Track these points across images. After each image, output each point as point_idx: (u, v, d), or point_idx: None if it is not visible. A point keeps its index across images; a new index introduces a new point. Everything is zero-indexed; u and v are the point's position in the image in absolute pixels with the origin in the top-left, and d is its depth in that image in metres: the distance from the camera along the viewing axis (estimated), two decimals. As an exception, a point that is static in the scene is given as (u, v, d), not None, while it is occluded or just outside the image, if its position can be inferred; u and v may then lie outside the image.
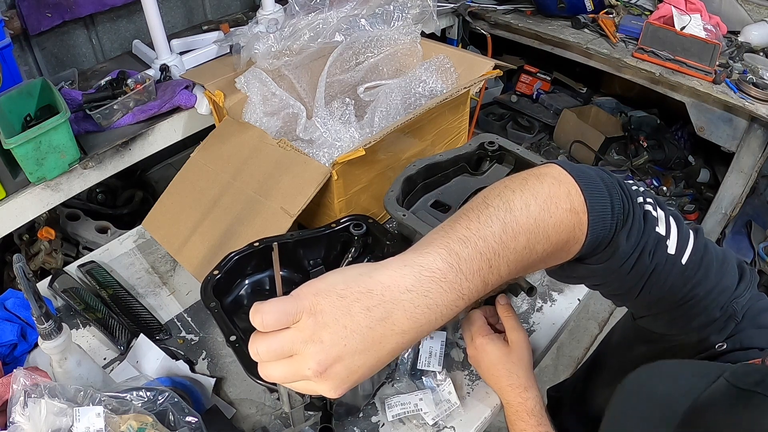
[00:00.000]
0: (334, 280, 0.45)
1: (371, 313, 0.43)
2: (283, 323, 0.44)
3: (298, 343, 0.43)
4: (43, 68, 1.66)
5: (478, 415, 0.93)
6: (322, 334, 0.43)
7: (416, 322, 0.44)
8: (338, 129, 1.18)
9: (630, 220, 0.53)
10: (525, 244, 0.47)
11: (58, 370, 0.81)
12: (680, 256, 0.57)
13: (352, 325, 0.43)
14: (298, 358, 0.44)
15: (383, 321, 0.43)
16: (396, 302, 0.43)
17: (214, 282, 0.91)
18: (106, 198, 1.93)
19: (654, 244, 0.55)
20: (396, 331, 0.43)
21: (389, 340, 0.44)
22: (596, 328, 2.37)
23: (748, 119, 1.81)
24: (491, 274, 0.46)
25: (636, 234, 0.53)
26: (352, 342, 0.43)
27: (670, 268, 0.56)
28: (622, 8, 2.27)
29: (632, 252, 0.54)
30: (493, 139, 1.15)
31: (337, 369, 0.43)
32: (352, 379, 0.44)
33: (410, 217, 0.99)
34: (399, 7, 1.38)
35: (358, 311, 0.43)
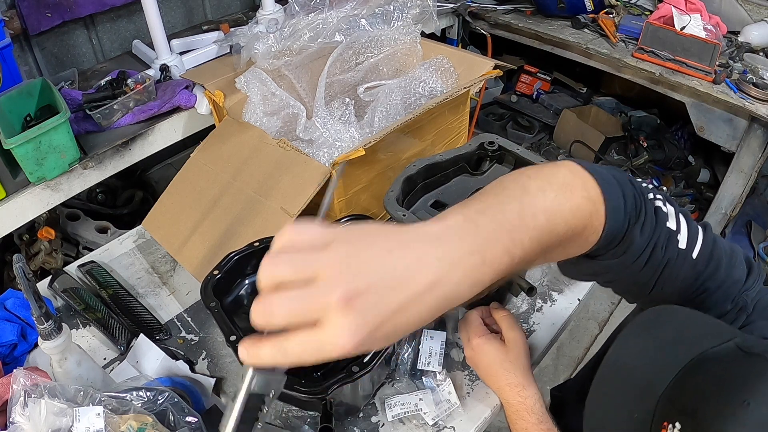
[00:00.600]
0: (359, 225, 0.42)
1: (405, 250, 0.40)
2: (311, 240, 0.40)
3: (324, 263, 0.38)
4: (43, 68, 1.66)
5: (478, 415, 0.93)
6: (350, 260, 0.39)
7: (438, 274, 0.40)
8: (338, 129, 1.18)
9: (643, 215, 0.54)
10: (544, 223, 0.46)
11: (58, 370, 0.81)
12: (691, 250, 0.58)
13: (378, 259, 0.39)
14: (321, 283, 0.38)
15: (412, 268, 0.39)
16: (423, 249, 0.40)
17: (214, 282, 0.91)
18: (106, 198, 1.93)
19: (666, 239, 0.56)
20: (425, 282, 0.39)
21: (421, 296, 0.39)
22: (596, 328, 2.37)
23: (748, 119, 1.81)
24: (514, 246, 0.44)
25: (649, 229, 0.54)
26: (386, 274, 0.39)
27: (681, 262, 0.57)
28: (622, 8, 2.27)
29: (646, 247, 0.55)
30: (493, 139, 1.15)
31: (366, 301, 0.38)
32: (375, 322, 0.38)
33: (410, 218, 0.99)
34: (399, 7, 1.38)
35: (395, 245, 0.40)
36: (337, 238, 0.40)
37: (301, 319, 0.38)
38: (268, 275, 0.40)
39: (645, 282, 0.58)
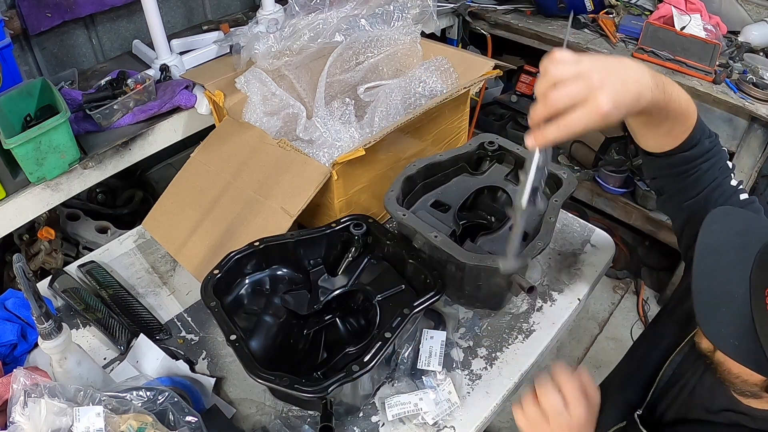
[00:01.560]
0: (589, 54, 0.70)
1: (618, 61, 0.65)
2: (571, 58, 0.64)
3: (584, 67, 0.62)
4: (43, 68, 1.66)
5: (478, 414, 0.93)
6: (596, 65, 0.63)
7: (641, 78, 0.66)
8: (338, 129, 1.18)
9: (713, 137, 0.81)
10: (677, 96, 0.72)
11: (58, 369, 0.81)
12: (739, 191, 0.81)
13: (612, 64, 0.64)
14: (585, 77, 0.62)
15: (626, 67, 0.65)
16: (629, 62, 0.66)
17: (214, 281, 0.91)
18: (106, 198, 1.93)
19: (723, 165, 0.81)
20: (633, 77, 0.65)
21: (631, 80, 0.65)
22: (596, 328, 2.37)
23: (748, 119, 1.81)
24: (664, 94, 0.69)
25: (715, 146, 0.80)
26: (615, 71, 0.64)
27: (729, 194, 0.81)
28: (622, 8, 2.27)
29: (710, 150, 0.80)
30: (493, 139, 1.15)
31: (613, 80, 0.63)
32: (620, 91, 0.63)
33: (410, 217, 0.99)
34: (399, 7, 1.38)
35: (612, 59, 0.65)
36: (583, 56, 0.64)
37: (578, 99, 0.62)
38: (549, 79, 0.64)
39: (694, 186, 0.81)
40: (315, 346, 0.99)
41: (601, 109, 0.61)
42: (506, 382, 0.98)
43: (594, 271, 1.18)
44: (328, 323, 1.01)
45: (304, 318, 1.00)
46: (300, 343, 0.98)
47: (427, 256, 1.00)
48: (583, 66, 0.63)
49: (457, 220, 1.06)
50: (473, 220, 1.12)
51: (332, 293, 1.00)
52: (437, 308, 1.08)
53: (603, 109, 0.61)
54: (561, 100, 0.62)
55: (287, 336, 0.97)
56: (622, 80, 0.64)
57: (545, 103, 0.63)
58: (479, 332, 1.06)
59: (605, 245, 1.24)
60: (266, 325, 0.96)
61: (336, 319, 1.02)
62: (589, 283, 1.16)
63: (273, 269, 1.01)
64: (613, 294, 2.51)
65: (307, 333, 0.99)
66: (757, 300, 0.62)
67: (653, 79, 0.68)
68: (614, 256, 1.23)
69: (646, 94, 0.67)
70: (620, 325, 2.37)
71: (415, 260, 0.96)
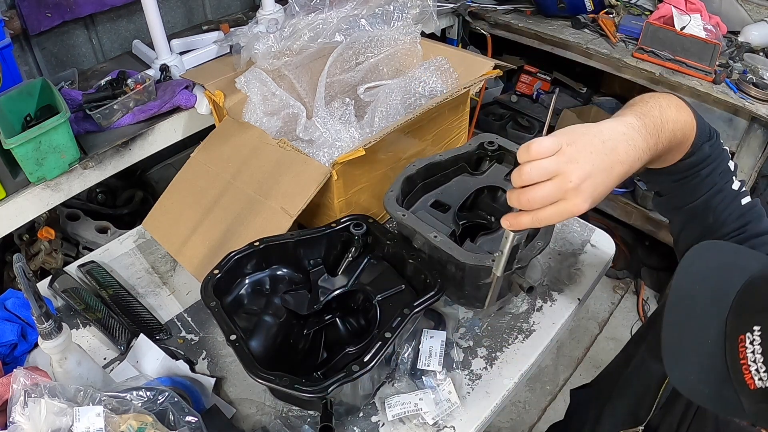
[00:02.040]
0: (573, 127, 0.63)
1: (605, 145, 0.62)
2: (550, 150, 0.60)
3: (562, 164, 0.60)
4: (43, 68, 1.66)
5: (478, 414, 0.93)
6: (578, 157, 0.60)
7: (629, 156, 0.63)
8: (338, 129, 1.18)
9: (714, 139, 0.76)
10: (672, 129, 0.69)
11: (58, 369, 0.81)
12: (741, 195, 0.77)
13: (595, 152, 0.61)
14: (561, 177, 0.60)
15: (613, 151, 0.62)
16: (618, 140, 0.63)
17: (214, 281, 0.91)
18: (106, 198, 1.93)
19: (724, 169, 0.77)
20: (619, 160, 0.63)
21: (616, 167, 0.63)
22: (596, 328, 2.37)
23: (748, 119, 1.81)
24: (658, 140, 0.67)
25: (715, 150, 0.76)
26: (597, 163, 0.61)
27: (731, 199, 0.77)
28: (622, 8, 2.27)
29: (709, 156, 0.75)
30: (493, 139, 1.15)
31: (588, 184, 0.60)
32: (596, 194, 0.62)
33: (410, 217, 0.99)
34: (399, 7, 1.38)
35: (598, 143, 0.62)
36: (563, 146, 0.60)
37: (551, 201, 0.60)
38: (524, 179, 0.61)
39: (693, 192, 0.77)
40: (315, 346, 0.99)
41: (577, 211, 0.61)
42: (506, 382, 0.98)
43: (594, 271, 1.18)
44: (328, 323, 1.01)
45: (304, 318, 1.00)
46: (300, 343, 0.98)
47: (427, 256, 1.00)
48: (562, 161, 0.60)
49: (457, 220, 1.06)
50: (473, 220, 1.12)
51: (332, 293, 1.00)
52: (437, 308, 1.08)
53: (579, 210, 0.61)
54: (535, 203, 0.61)
55: (287, 336, 0.97)
56: (606, 172, 0.62)
57: (519, 199, 0.62)
58: (479, 332, 1.06)
59: (605, 245, 1.24)
60: (266, 325, 0.96)
61: (336, 319, 1.02)
62: (589, 283, 1.16)
63: (273, 269, 1.01)
64: (613, 294, 2.51)
65: (307, 333, 0.99)
66: (731, 346, 0.57)
67: (646, 145, 0.65)
68: (614, 256, 1.23)
69: (636, 165, 0.65)
70: (620, 325, 2.37)
71: (415, 260, 0.96)
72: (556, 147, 0.60)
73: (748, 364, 0.55)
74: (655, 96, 0.72)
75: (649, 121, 0.67)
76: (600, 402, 0.99)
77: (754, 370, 0.54)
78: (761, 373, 0.53)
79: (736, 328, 0.57)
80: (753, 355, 0.54)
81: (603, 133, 0.63)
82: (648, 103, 0.70)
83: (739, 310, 0.59)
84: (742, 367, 0.55)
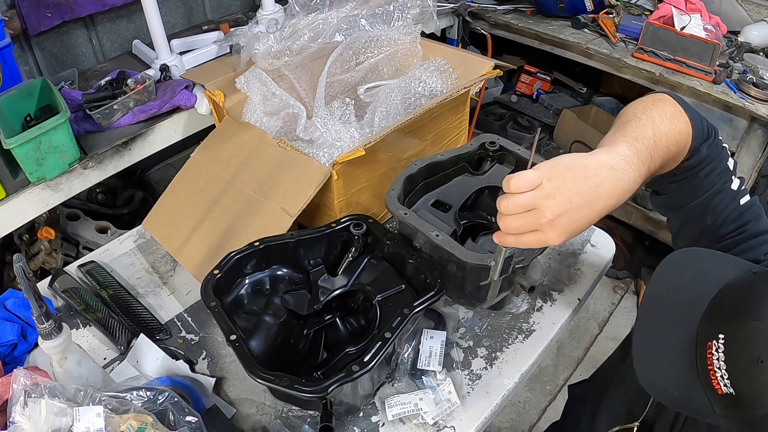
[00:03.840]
0: (561, 160, 0.63)
1: (588, 181, 0.62)
2: (530, 186, 0.61)
3: (539, 199, 0.61)
4: (43, 68, 1.66)
5: (478, 414, 0.93)
6: (556, 193, 0.61)
7: (615, 190, 0.63)
8: (338, 129, 1.18)
9: (711, 138, 0.74)
10: (666, 144, 0.68)
11: (58, 369, 0.81)
12: (740, 195, 0.76)
13: (575, 188, 0.61)
14: (537, 211, 0.61)
15: (596, 187, 0.62)
16: (604, 175, 0.62)
17: (214, 281, 0.91)
18: (106, 198, 1.92)
19: (723, 169, 0.75)
20: (603, 196, 0.62)
21: (599, 202, 0.62)
22: (596, 328, 2.37)
23: (748, 119, 1.81)
24: (652, 163, 0.67)
25: (714, 150, 0.74)
26: (576, 200, 0.61)
27: (729, 200, 0.75)
28: (622, 8, 2.27)
29: (707, 157, 0.74)
30: (494, 139, 1.15)
31: (563, 220, 0.61)
32: (572, 229, 0.62)
33: (412, 216, 0.99)
34: (399, 7, 1.38)
35: (581, 179, 0.62)
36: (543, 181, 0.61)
37: (528, 230, 0.63)
38: (503, 210, 0.63)
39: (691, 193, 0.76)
40: (315, 346, 0.99)
41: (550, 243, 0.63)
42: (506, 382, 0.98)
43: (594, 271, 1.18)
44: (328, 323, 1.01)
45: (304, 318, 1.00)
46: (300, 343, 0.98)
47: (427, 255, 1.00)
48: (539, 196, 0.61)
49: (458, 219, 1.06)
50: (474, 220, 1.12)
51: (332, 293, 1.00)
52: (437, 308, 1.08)
53: (552, 242, 0.63)
54: (513, 229, 0.64)
55: (287, 336, 0.97)
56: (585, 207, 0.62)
57: (501, 224, 0.65)
58: (479, 332, 1.06)
59: (605, 245, 1.24)
60: (266, 325, 0.96)
61: (336, 319, 1.02)
62: (589, 283, 1.16)
63: (273, 269, 1.01)
64: (613, 294, 2.51)
65: (307, 333, 0.99)
66: (701, 352, 0.59)
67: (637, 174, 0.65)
68: (614, 256, 1.23)
69: (625, 197, 0.65)
70: (620, 325, 2.37)
71: (415, 260, 0.96)
72: (536, 182, 0.61)
73: (714, 370, 0.58)
74: (647, 108, 0.71)
75: (641, 146, 0.66)
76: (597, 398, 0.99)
77: (719, 376, 0.57)
78: (725, 380, 0.57)
79: (706, 335, 0.60)
80: (718, 362, 0.57)
81: (588, 168, 0.63)
82: (641, 121, 0.69)
83: (710, 318, 0.61)
84: (709, 373, 0.58)
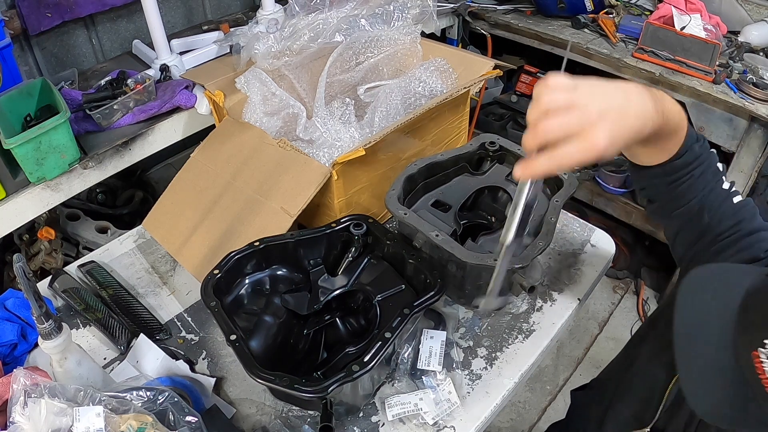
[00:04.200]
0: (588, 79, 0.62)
1: (619, 89, 0.61)
2: (566, 85, 0.58)
3: (583, 97, 0.58)
4: (43, 68, 1.66)
5: (478, 414, 0.93)
6: (597, 92, 0.59)
7: (641, 109, 0.62)
8: (338, 129, 1.18)
9: (702, 141, 0.76)
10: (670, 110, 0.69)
11: (58, 369, 0.81)
12: (732, 195, 0.77)
13: (610, 93, 0.60)
14: (582, 108, 0.57)
15: (627, 97, 0.61)
16: (631, 91, 0.62)
17: (214, 281, 0.91)
18: (106, 198, 1.93)
19: (714, 169, 0.77)
20: (633, 110, 0.61)
21: (630, 114, 0.61)
22: (596, 328, 2.37)
23: (748, 119, 1.81)
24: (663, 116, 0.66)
25: (704, 151, 0.76)
26: (613, 103, 0.59)
27: (723, 198, 0.76)
28: (622, 8, 2.27)
29: (701, 155, 0.75)
30: (494, 139, 1.16)
31: (612, 115, 0.58)
32: (615, 131, 0.58)
33: (411, 216, 0.99)
34: (399, 7, 1.38)
35: (611, 88, 0.61)
36: (580, 81, 0.59)
37: (571, 132, 0.57)
38: (541, 108, 0.58)
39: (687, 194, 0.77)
40: (315, 346, 0.99)
41: (597, 146, 0.56)
42: (506, 382, 0.98)
43: (594, 271, 1.18)
44: (328, 323, 1.01)
45: (304, 318, 1.00)
46: (300, 343, 0.98)
47: (427, 255, 1.00)
48: (580, 94, 0.58)
49: (458, 219, 1.06)
50: (474, 220, 1.12)
51: (332, 293, 1.00)
52: (437, 308, 1.08)
53: (599, 145, 0.56)
54: (552, 132, 0.57)
55: (287, 336, 0.97)
56: (623, 114, 0.60)
57: (536, 132, 0.57)
58: (479, 332, 1.06)
59: (605, 245, 1.24)
60: (266, 325, 0.96)
61: (336, 319, 1.02)
62: (589, 283, 1.16)
63: (273, 269, 1.01)
64: (613, 294, 2.51)
65: (307, 333, 0.99)
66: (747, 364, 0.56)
67: (655, 107, 0.64)
68: (614, 256, 1.23)
69: (648, 125, 0.63)
70: (620, 325, 2.37)
71: (415, 260, 0.96)
72: (573, 83, 0.58)
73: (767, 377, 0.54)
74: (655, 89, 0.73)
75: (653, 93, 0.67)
76: (602, 404, 0.99)
77: None
78: None
79: (748, 345, 0.56)
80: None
81: (616, 82, 0.62)
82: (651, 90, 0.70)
83: (744, 328, 0.58)
84: (761, 381, 0.55)
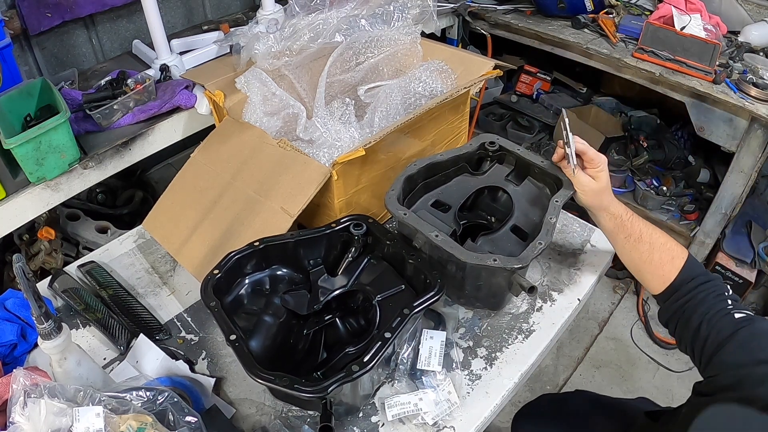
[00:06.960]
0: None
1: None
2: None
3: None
4: (43, 68, 1.66)
5: (478, 414, 0.93)
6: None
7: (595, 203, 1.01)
8: (338, 129, 1.18)
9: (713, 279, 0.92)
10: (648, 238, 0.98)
11: (58, 370, 0.81)
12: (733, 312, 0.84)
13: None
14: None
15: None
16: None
17: (214, 281, 0.91)
18: (106, 198, 1.93)
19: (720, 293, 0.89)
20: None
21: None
22: (596, 328, 2.37)
23: (748, 119, 1.80)
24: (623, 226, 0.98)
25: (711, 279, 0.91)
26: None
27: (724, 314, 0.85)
28: (622, 8, 2.27)
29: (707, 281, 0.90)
30: (494, 139, 1.15)
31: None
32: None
33: (411, 216, 0.99)
34: (399, 7, 1.38)
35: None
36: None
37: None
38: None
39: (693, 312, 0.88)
40: (315, 346, 0.99)
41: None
42: (506, 382, 0.98)
43: (594, 271, 1.18)
44: (328, 323, 1.01)
45: (304, 318, 1.00)
46: (300, 343, 0.98)
47: (427, 255, 1.00)
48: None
49: (458, 219, 1.06)
50: (473, 220, 1.12)
51: (332, 293, 1.00)
52: (437, 308, 1.08)
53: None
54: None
55: (287, 336, 0.97)
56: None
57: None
58: (479, 332, 1.06)
59: (605, 245, 1.24)
60: (266, 325, 0.96)
61: (336, 319, 1.02)
62: (589, 283, 1.16)
63: (273, 269, 1.01)
64: (613, 294, 2.51)
65: (307, 333, 0.99)
66: None
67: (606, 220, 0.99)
68: (614, 256, 1.22)
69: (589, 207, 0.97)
70: (620, 325, 2.37)
71: (415, 260, 0.96)
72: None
73: None
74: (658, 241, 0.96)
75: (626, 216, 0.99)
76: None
77: None
78: None
79: None
80: None
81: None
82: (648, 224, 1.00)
83: None
84: None
